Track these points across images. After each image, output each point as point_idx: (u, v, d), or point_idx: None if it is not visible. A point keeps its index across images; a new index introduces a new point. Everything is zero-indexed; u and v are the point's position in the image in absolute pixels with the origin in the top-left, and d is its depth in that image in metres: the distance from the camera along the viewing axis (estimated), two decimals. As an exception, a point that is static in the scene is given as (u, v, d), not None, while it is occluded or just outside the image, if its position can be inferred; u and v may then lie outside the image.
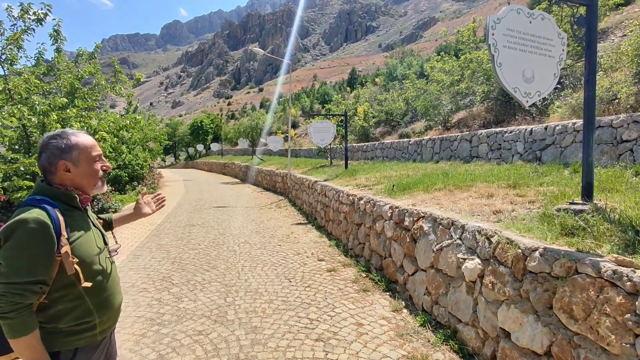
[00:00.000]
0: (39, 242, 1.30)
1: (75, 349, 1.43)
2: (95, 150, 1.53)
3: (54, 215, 1.35)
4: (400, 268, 4.46)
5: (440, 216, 3.84)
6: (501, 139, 7.31)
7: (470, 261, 3.17)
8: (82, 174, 1.48)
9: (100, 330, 1.51)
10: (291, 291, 4.56)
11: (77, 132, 1.52)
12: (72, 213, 1.47)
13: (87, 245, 1.47)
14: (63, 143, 1.45)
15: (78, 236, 1.44)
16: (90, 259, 1.46)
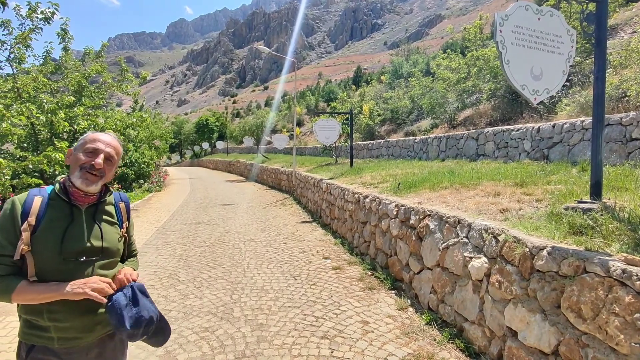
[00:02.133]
0: (3, 220, 1.38)
1: (32, 345, 1.42)
2: (93, 143, 1.50)
3: (28, 200, 1.41)
4: (406, 266, 4.45)
5: (446, 214, 3.83)
6: (508, 137, 7.25)
7: (477, 260, 3.15)
8: (72, 160, 1.51)
9: (58, 337, 1.43)
10: (297, 289, 4.57)
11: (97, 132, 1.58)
12: (57, 203, 1.47)
13: (50, 239, 1.41)
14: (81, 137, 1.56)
15: (46, 227, 1.41)
16: (45, 253, 1.40)
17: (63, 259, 1.42)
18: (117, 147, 1.59)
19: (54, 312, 1.41)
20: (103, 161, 1.49)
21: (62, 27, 9.13)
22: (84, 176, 1.46)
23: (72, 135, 8.64)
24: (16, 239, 1.36)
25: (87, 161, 1.47)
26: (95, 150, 1.49)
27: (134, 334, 1.47)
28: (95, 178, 1.48)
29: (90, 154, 1.48)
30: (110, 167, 1.54)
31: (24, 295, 1.34)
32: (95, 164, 1.46)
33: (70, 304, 1.41)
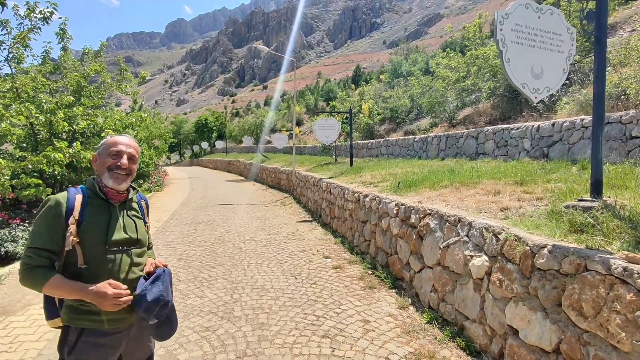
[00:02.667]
0: (49, 216, 1.55)
1: (82, 328, 1.57)
2: (115, 146, 1.68)
3: (70, 197, 1.60)
4: (406, 265, 4.45)
5: (446, 213, 3.83)
6: (508, 135, 7.26)
7: (478, 258, 3.16)
8: (99, 164, 1.69)
9: (108, 319, 1.59)
10: (297, 288, 4.57)
11: (117, 135, 1.76)
12: (95, 201, 1.66)
13: (95, 232, 1.60)
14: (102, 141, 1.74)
15: (90, 221, 1.59)
16: (93, 244, 1.58)
17: (107, 249, 1.61)
18: (136, 146, 1.80)
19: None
20: (127, 161, 1.68)
21: (61, 26, 9.10)
22: (114, 176, 1.65)
23: (72, 135, 8.62)
24: (57, 234, 1.54)
25: (114, 163, 1.65)
26: (118, 152, 1.67)
27: (150, 308, 1.59)
28: (123, 177, 1.67)
29: (115, 156, 1.67)
30: (133, 165, 1.73)
31: (53, 288, 1.49)
32: (121, 164, 1.66)
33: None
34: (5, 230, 5.87)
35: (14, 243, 5.74)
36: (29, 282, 1.49)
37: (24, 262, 1.50)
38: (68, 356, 1.56)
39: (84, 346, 1.57)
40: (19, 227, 6.10)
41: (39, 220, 1.56)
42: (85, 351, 1.57)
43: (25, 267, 1.49)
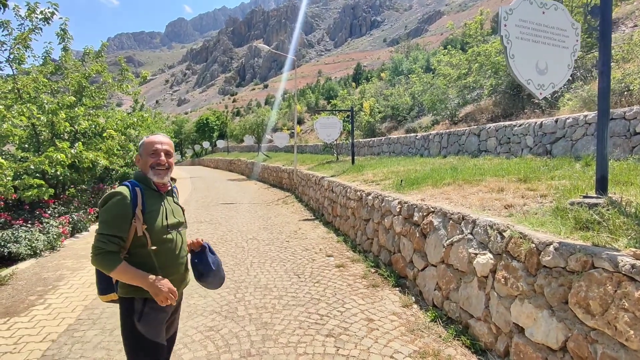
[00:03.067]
0: (118, 208, 1.80)
1: (145, 299, 1.86)
2: (152, 146, 1.96)
3: (132, 191, 1.86)
4: (409, 263, 4.44)
5: (450, 211, 3.81)
6: (510, 132, 7.22)
7: (482, 256, 3.14)
8: (142, 163, 1.97)
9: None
10: (300, 287, 4.56)
11: (153, 135, 2.04)
12: (150, 193, 1.94)
13: (156, 219, 1.90)
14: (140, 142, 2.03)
15: (150, 210, 1.89)
16: (158, 229, 1.89)
17: (167, 232, 1.94)
18: (170, 142, 2.06)
19: (166, 269, 1.93)
20: (164, 157, 1.97)
21: (62, 27, 9.10)
22: (156, 173, 1.95)
23: (73, 135, 8.63)
24: (126, 223, 1.81)
25: (154, 161, 1.94)
26: (155, 150, 1.95)
27: (215, 274, 2.18)
28: (164, 171, 1.97)
29: (153, 155, 1.95)
30: (170, 159, 2.02)
31: (120, 273, 1.76)
32: (161, 161, 1.95)
33: (176, 263, 2.00)
34: (8, 231, 5.87)
35: (17, 244, 5.75)
36: (101, 264, 1.75)
37: (98, 247, 1.75)
38: (140, 321, 1.86)
39: (150, 311, 1.88)
40: (21, 228, 6.10)
41: (109, 211, 1.81)
42: (152, 315, 1.89)
43: (99, 250, 1.75)
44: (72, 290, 4.56)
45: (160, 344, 1.93)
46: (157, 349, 1.91)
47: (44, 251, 6.20)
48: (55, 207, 7.57)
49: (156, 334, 1.91)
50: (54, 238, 6.38)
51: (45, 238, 6.23)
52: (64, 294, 4.45)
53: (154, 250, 1.88)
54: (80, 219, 7.63)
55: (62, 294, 4.44)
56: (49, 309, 4.01)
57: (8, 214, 6.75)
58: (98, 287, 1.97)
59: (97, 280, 1.97)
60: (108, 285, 1.95)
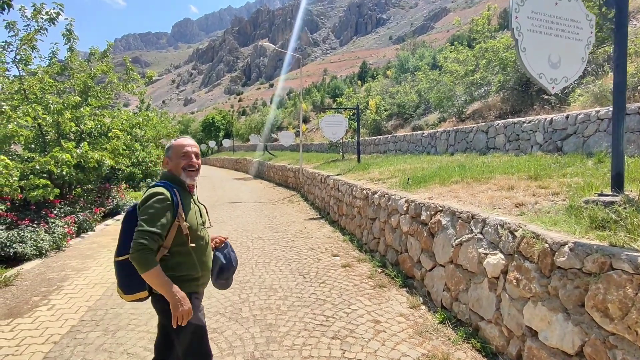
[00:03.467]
0: (161, 207, 1.84)
1: (189, 293, 1.94)
2: (182, 149, 2.04)
3: (172, 192, 1.92)
4: (417, 263, 4.34)
5: (459, 210, 3.71)
6: (519, 129, 7.08)
7: (493, 256, 3.04)
8: (173, 165, 2.03)
9: (200, 283, 2.07)
10: (305, 287, 4.49)
11: (180, 137, 2.12)
12: (183, 194, 2.02)
13: (193, 218, 2.01)
14: (168, 145, 2.11)
15: (188, 210, 1.99)
16: (195, 227, 2.00)
17: (200, 230, 2.05)
18: (197, 144, 2.15)
19: (203, 265, 2.07)
20: (195, 159, 2.06)
21: (67, 27, 9.12)
22: (189, 174, 2.04)
23: (79, 135, 8.64)
24: (168, 222, 1.85)
25: (186, 163, 2.02)
26: (186, 153, 2.03)
27: (233, 270, 2.33)
28: (195, 172, 2.07)
29: (185, 157, 2.03)
30: (199, 161, 2.11)
31: (153, 276, 1.78)
32: (193, 163, 2.05)
33: (208, 259, 2.13)
34: (14, 231, 5.87)
35: (23, 244, 5.75)
36: (139, 261, 1.76)
37: (141, 243, 1.76)
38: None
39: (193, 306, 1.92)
40: (27, 228, 6.11)
41: (153, 209, 1.83)
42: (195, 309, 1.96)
43: (141, 247, 1.76)
44: (76, 290, 4.53)
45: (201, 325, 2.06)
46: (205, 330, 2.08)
47: (49, 251, 6.20)
48: (61, 207, 7.58)
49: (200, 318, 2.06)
50: (59, 238, 6.38)
51: (50, 238, 6.23)
52: (68, 294, 4.43)
53: (192, 247, 1.97)
54: (86, 218, 7.63)
55: (66, 294, 4.42)
56: (53, 309, 3.99)
57: (14, 214, 6.76)
58: (124, 286, 1.95)
59: (124, 280, 1.94)
60: (138, 283, 1.90)
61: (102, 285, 4.71)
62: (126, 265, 1.87)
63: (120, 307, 4.01)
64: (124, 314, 3.83)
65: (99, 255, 6.07)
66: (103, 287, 4.64)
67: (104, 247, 6.63)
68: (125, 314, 3.83)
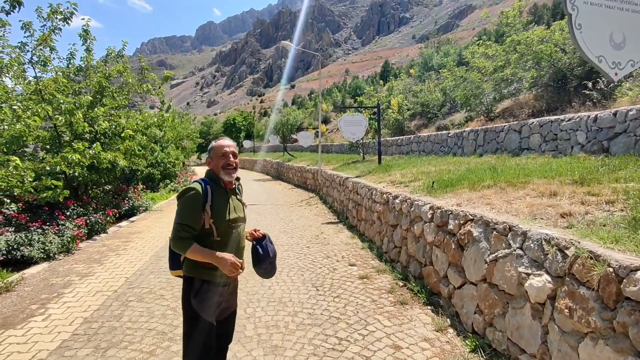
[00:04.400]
0: (191, 202, 2.07)
1: (203, 280, 2.13)
2: (222, 149, 2.22)
3: (204, 188, 2.11)
4: (443, 279, 3.85)
5: (493, 220, 3.20)
6: (557, 128, 6.43)
7: (537, 278, 2.54)
8: (214, 164, 2.22)
9: (220, 274, 2.13)
10: (318, 302, 4.08)
11: (220, 139, 2.31)
12: (218, 190, 2.18)
13: (221, 213, 2.13)
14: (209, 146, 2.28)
15: (218, 206, 2.13)
16: (221, 222, 2.12)
17: (229, 225, 2.18)
18: (234, 144, 2.32)
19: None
20: (232, 158, 2.22)
21: (84, 27, 9.08)
22: (227, 172, 2.20)
23: (94, 136, 8.55)
24: (198, 215, 2.06)
25: (224, 162, 2.20)
26: (225, 153, 2.21)
27: (271, 261, 2.45)
28: (233, 170, 2.22)
29: (223, 157, 2.20)
30: (237, 160, 2.27)
31: (193, 252, 2.02)
32: (230, 162, 2.21)
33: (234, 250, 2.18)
34: (22, 234, 5.73)
35: (30, 247, 5.60)
36: (177, 247, 2.05)
37: (176, 234, 2.04)
38: (194, 298, 2.11)
39: (205, 291, 2.13)
40: (36, 231, 5.97)
41: (184, 204, 2.07)
42: (206, 294, 2.13)
43: (174, 236, 2.05)
44: (75, 299, 4.29)
45: (209, 322, 2.14)
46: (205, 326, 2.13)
47: (58, 254, 6.05)
48: (74, 208, 7.47)
49: (206, 311, 2.13)
50: (68, 241, 6.21)
51: (59, 241, 6.07)
52: (67, 302, 4.18)
53: (217, 241, 2.11)
54: (97, 220, 7.48)
55: (64, 302, 4.18)
56: (47, 320, 3.74)
57: (26, 215, 6.67)
58: (170, 264, 2.30)
59: (169, 258, 2.30)
60: (176, 263, 2.27)
61: (103, 293, 4.44)
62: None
63: (116, 319, 3.71)
64: (119, 328, 3.53)
65: (107, 260, 5.85)
66: (104, 295, 4.38)
67: (113, 250, 6.43)
68: (120, 328, 3.53)
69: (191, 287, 2.13)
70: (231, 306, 2.39)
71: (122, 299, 4.25)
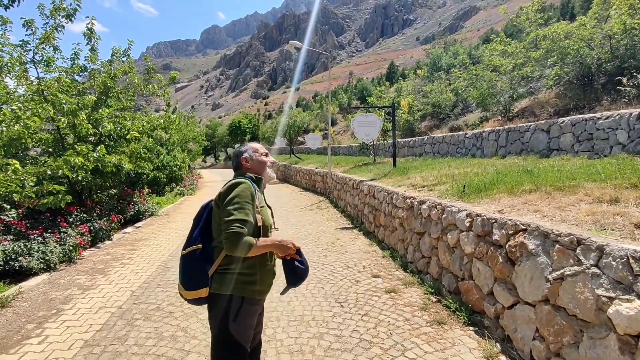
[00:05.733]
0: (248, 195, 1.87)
1: (243, 297, 1.84)
2: (261, 149, 2.16)
3: (253, 187, 1.94)
4: (488, 296, 3.41)
5: (555, 230, 2.77)
6: (592, 127, 5.98)
7: (625, 304, 2.10)
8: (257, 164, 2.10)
9: (258, 290, 1.90)
10: (344, 321, 3.65)
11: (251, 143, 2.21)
12: (257, 191, 1.98)
13: (267, 215, 2.00)
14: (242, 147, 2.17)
15: (262, 205, 1.99)
16: (267, 224, 1.95)
17: (269, 230, 2.01)
18: None
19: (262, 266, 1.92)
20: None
21: (88, 26, 8.75)
22: (273, 171, 2.20)
23: (98, 138, 8.19)
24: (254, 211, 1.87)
25: (270, 160, 2.17)
26: (266, 153, 2.18)
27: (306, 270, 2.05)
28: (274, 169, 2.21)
29: (267, 156, 2.17)
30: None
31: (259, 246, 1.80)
32: (273, 162, 2.21)
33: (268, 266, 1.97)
34: (21, 242, 5.36)
35: (29, 257, 5.22)
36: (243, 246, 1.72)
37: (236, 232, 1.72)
38: (235, 321, 1.81)
39: (244, 312, 1.84)
40: (35, 240, 5.60)
41: (244, 197, 1.83)
42: (246, 316, 1.85)
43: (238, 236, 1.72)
44: (76, 317, 3.89)
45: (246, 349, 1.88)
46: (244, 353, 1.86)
47: (59, 264, 5.67)
48: (77, 214, 7.11)
49: (246, 336, 1.87)
50: (70, 250, 5.83)
51: (61, 250, 5.69)
52: (67, 321, 3.79)
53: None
54: (102, 227, 7.11)
55: (64, 321, 3.78)
56: (44, 343, 3.34)
57: (27, 222, 6.32)
58: (186, 282, 1.85)
59: (186, 275, 1.85)
60: (202, 279, 1.84)
61: (106, 310, 4.05)
62: (193, 258, 1.86)
63: (121, 342, 3.31)
64: (123, 353, 3.12)
65: (111, 270, 5.47)
66: (107, 312, 3.98)
67: (117, 259, 6.04)
68: (125, 353, 3.12)
69: (229, 308, 1.81)
70: (260, 330, 2.14)
71: (127, 317, 3.85)
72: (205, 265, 1.86)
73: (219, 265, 1.85)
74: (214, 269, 1.86)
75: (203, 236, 1.90)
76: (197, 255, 1.85)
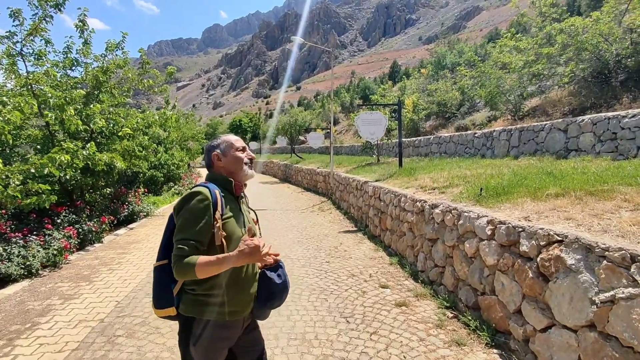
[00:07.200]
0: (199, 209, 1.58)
1: (207, 320, 1.62)
2: (237, 143, 1.83)
3: (213, 193, 1.63)
4: (515, 315, 3.01)
5: (600, 243, 2.36)
6: (617, 126, 5.57)
7: None
8: (232, 161, 1.78)
9: (230, 311, 1.65)
10: (351, 340, 3.25)
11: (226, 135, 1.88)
12: (228, 197, 1.72)
13: (234, 226, 1.68)
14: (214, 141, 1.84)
15: (229, 215, 1.67)
16: (234, 237, 1.65)
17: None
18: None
19: (231, 285, 1.65)
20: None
21: (80, 18, 8.35)
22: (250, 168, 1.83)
23: (90, 135, 7.80)
24: (208, 226, 1.57)
25: (246, 156, 1.83)
26: (244, 147, 1.85)
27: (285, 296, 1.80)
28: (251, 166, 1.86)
29: (243, 151, 1.83)
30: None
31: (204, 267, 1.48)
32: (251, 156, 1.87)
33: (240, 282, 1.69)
34: (0, 246, 4.97)
35: (9, 262, 4.84)
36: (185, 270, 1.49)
37: (180, 255, 1.51)
38: (195, 346, 1.62)
39: (208, 337, 1.63)
40: (16, 244, 5.20)
41: (192, 213, 1.57)
42: (210, 341, 1.63)
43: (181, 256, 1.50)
44: (52, 332, 3.50)
45: None
46: None
47: (42, 269, 5.28)
48: (66, 215, 6.72)
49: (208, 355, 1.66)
50: (54, 254, 5.44)
51: (44, 254, 5.30)
52: (40, 337, 3.39)
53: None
54: (91, 229, 6.71)
55: (37, 338, 3.39)
56: (11, 365, 2.95)
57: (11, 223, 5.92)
58: (155, 299, 1.68)
59: (155, 292, 1.68)
60: (167, 298, 1.66)
61: (86, 324, 3.65)
62: (162, 273, 1.67)
63: (98, 365, 2.91)
64: (99, 380, 2.73)
65: (97, 277, 5.07)
66: (87, 327, 3.58)
67: (105, 264, 5.65)
68: (101, 380, 2.73)
69: (190, 332, 1.64)
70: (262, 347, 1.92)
71: (108, 333, 3.46)
72: (171, 283, 1.66)
73: (183, 284, 1.67)
74: (178, 288, 1.67)
75: (168, 251, 1.66)
76: (164, 271, 1.66)
